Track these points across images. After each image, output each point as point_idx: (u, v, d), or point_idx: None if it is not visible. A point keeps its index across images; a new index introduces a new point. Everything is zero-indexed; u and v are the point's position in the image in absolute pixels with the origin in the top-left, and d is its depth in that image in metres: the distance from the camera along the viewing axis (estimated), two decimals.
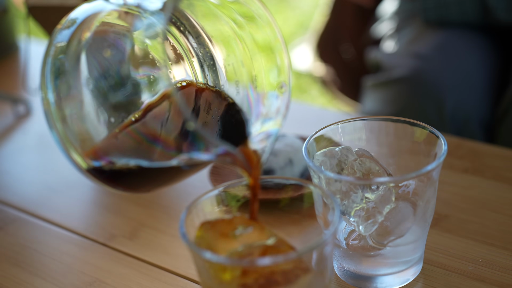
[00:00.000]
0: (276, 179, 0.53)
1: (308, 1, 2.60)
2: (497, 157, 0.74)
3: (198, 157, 0.50)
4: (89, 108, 0.56)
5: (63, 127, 0.56)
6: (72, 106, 0.56)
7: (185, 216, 0.48)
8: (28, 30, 0.90)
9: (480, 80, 1.04)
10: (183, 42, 0.58)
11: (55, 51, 0.57)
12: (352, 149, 0.56)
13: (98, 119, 0.56)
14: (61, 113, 0.56)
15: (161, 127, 0.55)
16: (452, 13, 1.07)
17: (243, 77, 0.56)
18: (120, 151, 0.56)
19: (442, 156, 0.53)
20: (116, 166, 0.55)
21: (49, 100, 0.56)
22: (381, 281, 0.55)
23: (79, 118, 0.56)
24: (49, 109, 0.57)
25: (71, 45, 0.56)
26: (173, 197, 0.73)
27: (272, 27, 0.52)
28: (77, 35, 0.56)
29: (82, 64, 0.56)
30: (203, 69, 0.58)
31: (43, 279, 0.62)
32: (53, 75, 0.56)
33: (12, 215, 0.72)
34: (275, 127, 0.52)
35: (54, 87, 0.56)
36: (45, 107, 0.57)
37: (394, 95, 1.03)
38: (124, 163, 0.55)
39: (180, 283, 0.59)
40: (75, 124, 0.56)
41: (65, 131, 0.56)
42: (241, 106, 0.56)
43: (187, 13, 0.58)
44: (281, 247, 0.46)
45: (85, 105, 0.55)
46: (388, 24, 1.22)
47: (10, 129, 0.92)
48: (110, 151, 0.56)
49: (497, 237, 0.61)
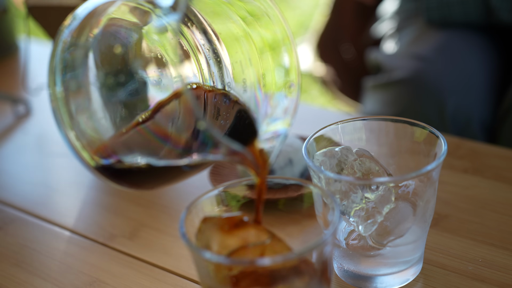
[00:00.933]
0: (276, 179, 0.53)
1: (308, 1, 2.60)
2: (497, 157, 0.74)
3: (207, 156, 0.50)
4: (97, 104, 0.55)
5: (71, 123, 0.56)
6: (80, 103, 0.56)
7: (185, 216, 0.48)
8: (28, 30, 0.90)
9: (481, 81, 1.04)
10: (190, 38, 0.58)
11: (63, 47, 0.56)
12: (352, 149, 0.56)
13: (106, 116, 0.55)
14: (69, 109, 0.56)
15: (171, 125, 0.55)
16: (454, 13, 1.07)
17: (250, 76, 0.56)
18: (129, 149, 0.56)
19: (442, 156, 0.53)
20: (125, 164, 0.55)
21: (57, 97, 0.56)
22: (381, 281, 0.55)
23: (87, 115, 0.56)
24: (57, 106, 0.56)
25: (79, 41, 0.56)
26: (173, 197, 0.73)
27: (282, 26, 0.52)
28: (86, 31, 0.56)
29: (90, 60, 0.56)
30: (209, 65, 0.58)
31: (43, 279, 0.62)
32: (61, 71, 0.56)
33: (12, 215, 0.72)
34: (283, 127, 0.52)
35: (62, 83, 0.56)
36: (53, 104, 0.57)
37: (395, 97, 1.03)
38: (134, 161, 0.55)
39: (180, 283, 0.59)
40: (83, 121, 0.56)
41: (73, 128, 0.56)
42: (249, 105, 0.56)
43: (195, 9, 0.58)
44: (277, 247, 0.47)
45: (93, 102, 0.55)
46: (388, 23, 1.22)
47: (10, 129, 0.92)
48: (119, 149, 0.56)
49: (497, 237, 0.61)
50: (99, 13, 0.56)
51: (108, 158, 0.56)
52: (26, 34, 0.92)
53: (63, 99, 0.56)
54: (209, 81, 0.59)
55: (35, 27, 0.93)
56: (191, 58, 0.58)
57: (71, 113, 0.56)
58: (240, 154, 0.48)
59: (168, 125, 0.55)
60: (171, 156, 0.54)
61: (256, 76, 0.56)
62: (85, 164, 0.58)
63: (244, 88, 0.57)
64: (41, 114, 0.95)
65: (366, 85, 1.12)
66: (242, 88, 0.57)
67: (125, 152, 0.56)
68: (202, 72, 0.58)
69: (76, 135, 0.56)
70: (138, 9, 0.56)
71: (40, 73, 1.07)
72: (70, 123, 0.56)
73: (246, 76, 0.56)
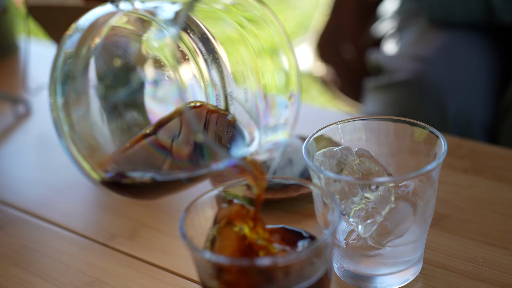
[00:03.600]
0: (276, 179, 0.53)
1: (308, 1, 2.60)
2: (497, 157, 0.74)
3: (207, 168, 0.51)
4: (98, 115, 0.56)
5: (72, 134, 0.56)
6: (80, 113, 0.56)
7: (185, 216, 0.48)
8: (28, 30, 0.90)
9: (482, 83, 1.04)
10: (192, 47, 0.58)
11: (64, 57, 0.57)
12: (352, 149, 0.56)
13: (107, 126, 0.56)
14: (70, 120, 0.56)
15: (172, 141, 0.55)
16: (456, 12, 1.07)
17: (252, 86, 0.56)
18: (132, 164, 0.56)
19: (442, 156, 0.53)
20: (128, 180, 0.56)
21: (58, 107, 0.56)
22: (381, 281, 0.55)
23: (88, 125, 0.56)
24: (57, 116, 0.56)
25: (81, 51, 0.56)
26: (173, 197, 0.73)
27: (280, 33, 0.52)
28: (87, 41, 0.56)
29: (91, 70, 0.56)
30: (211, 75, 0.58)
31: (43, 279, 0.62)
32: (62, 82, 0.56)
33: (12, 215, 0.72)
34: (284, 137, 0.53)
35: (63, 94, 0.56)
36: (53, 114, 0.57)
37: (396, 98, 1.03)
38: (138, 176, 0.55)
39: (180, 283, 0.59)
40: (84, 131, 0.56)
41: (73, 139, 0.56)
42: (250, 114, 0.57)
43: (196, 19, 0.58)
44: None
45: (94, 112, 0.56)
46: (389, 23, 1.22)
47: (10, 129, 0.92)
48: (122, 164, 0.56)
49: (497, 237, 0.61)
50: (100, 24, 0.57)
51: (111, 172, 0.56)
52: (26, 34, 0.92)
53: (64, 109, 0.56)
54: (211, 90, 0.59)
55: (35, 27, 0.93)
56: (193, 67, 0.58)
57: (72, 123, 0.56)
58: (238, 166, 0.48)
59: (169, 140, 0.55)
60: (173, 169, 0.54)
61: (257, 85, 0.56)
62: (86, 175, 0.58)
63: (245, 98, 0.57)
64: (41, 114, 0.95)
65: (367, 87, 1.11)
66: (244, 98, 0.57)
67: (128, 166, 0.56)
68: (204, 80, 0.58)
69: (76, 148, 0.56)
70: (139, 19, 0.56)
71: (40, 73, 1.08)
72: (70, 134, 0.56)
73: (247, 86, 0.56)
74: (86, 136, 0.56)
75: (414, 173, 0.52)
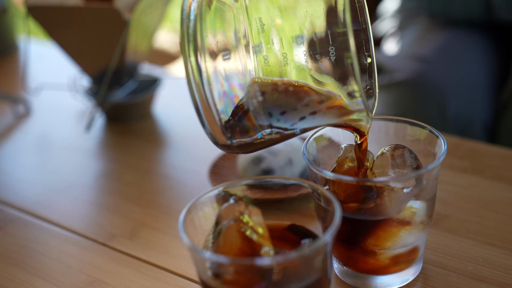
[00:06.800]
0: (276, 179, 0.53)
1: None
2: (497, 157, 0.74)
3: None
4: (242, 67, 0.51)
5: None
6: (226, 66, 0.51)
7: (185, 216, 0.48)
8: (28, 30, 0.91)
9: (483, 82, 1.04)
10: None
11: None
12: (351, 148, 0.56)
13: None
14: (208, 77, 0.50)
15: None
16: (456, 9, 1.07)
17: None
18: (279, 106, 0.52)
19: (442, 156, 0.53)
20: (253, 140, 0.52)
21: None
22: (381, 281, 0.55)
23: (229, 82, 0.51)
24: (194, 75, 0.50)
25: None
26: (173, 197, 0.73)
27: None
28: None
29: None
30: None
31: (43, 279, 0.62)
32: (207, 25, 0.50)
33: (12, 215, 0.72)
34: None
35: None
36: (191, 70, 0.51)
37: (397, 98, 1.03)
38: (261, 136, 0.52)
39: (180, 283, 0.59)
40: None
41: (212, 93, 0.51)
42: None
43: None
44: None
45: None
46: (389, 22, 1.22)
47: (10, 129, 0.92)
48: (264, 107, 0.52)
49: (497, 237, 0.61)
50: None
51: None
52: (26, 34, 0.92)
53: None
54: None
55: (35, 27, 0.93)
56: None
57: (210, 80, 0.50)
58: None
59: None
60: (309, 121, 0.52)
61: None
62: (212, 138, 0.53)
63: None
64: (41, 114, 0.95)
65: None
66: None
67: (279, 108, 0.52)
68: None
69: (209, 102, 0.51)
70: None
71: (40, 73, 1.08)
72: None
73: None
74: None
75: (414, 173, 0.52)
